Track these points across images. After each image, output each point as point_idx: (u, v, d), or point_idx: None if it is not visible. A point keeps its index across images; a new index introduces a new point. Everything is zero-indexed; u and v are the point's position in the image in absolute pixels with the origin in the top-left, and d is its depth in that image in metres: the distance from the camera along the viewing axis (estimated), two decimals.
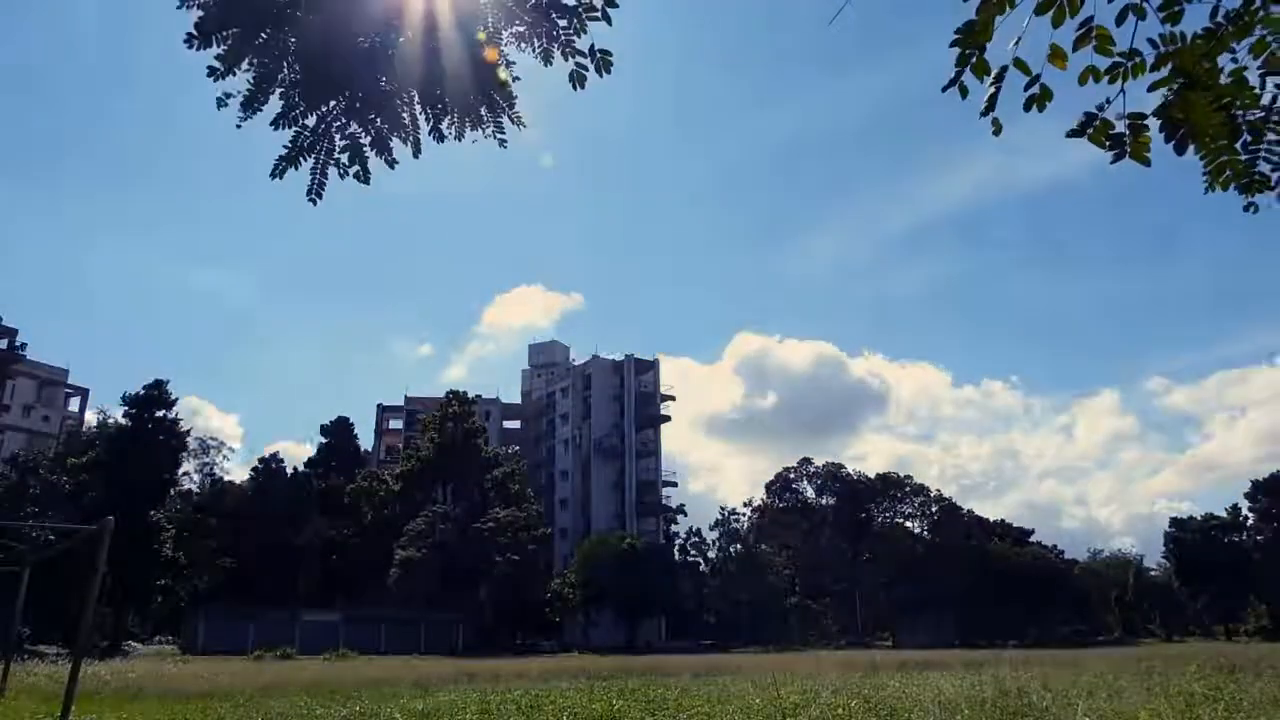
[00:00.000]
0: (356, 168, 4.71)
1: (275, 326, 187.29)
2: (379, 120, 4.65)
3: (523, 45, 4.34)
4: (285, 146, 4.59)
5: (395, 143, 4.77)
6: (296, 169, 4.64)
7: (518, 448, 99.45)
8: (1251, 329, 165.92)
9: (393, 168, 4.79)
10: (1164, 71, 3.09)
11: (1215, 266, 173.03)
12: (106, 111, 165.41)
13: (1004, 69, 3.11)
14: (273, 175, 4.60)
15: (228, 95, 4.32)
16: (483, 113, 4.66)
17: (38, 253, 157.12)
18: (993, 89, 3.12)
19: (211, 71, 4.22)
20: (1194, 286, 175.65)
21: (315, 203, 4.71)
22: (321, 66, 4.35)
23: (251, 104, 4.41)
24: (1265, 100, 3.17)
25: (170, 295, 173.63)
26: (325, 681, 23.10)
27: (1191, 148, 3.19)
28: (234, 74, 4.27)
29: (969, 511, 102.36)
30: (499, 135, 4.70)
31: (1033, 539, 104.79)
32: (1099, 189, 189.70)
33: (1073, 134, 3.19)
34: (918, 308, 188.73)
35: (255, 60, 4.30)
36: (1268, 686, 14.83)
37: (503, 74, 4.49)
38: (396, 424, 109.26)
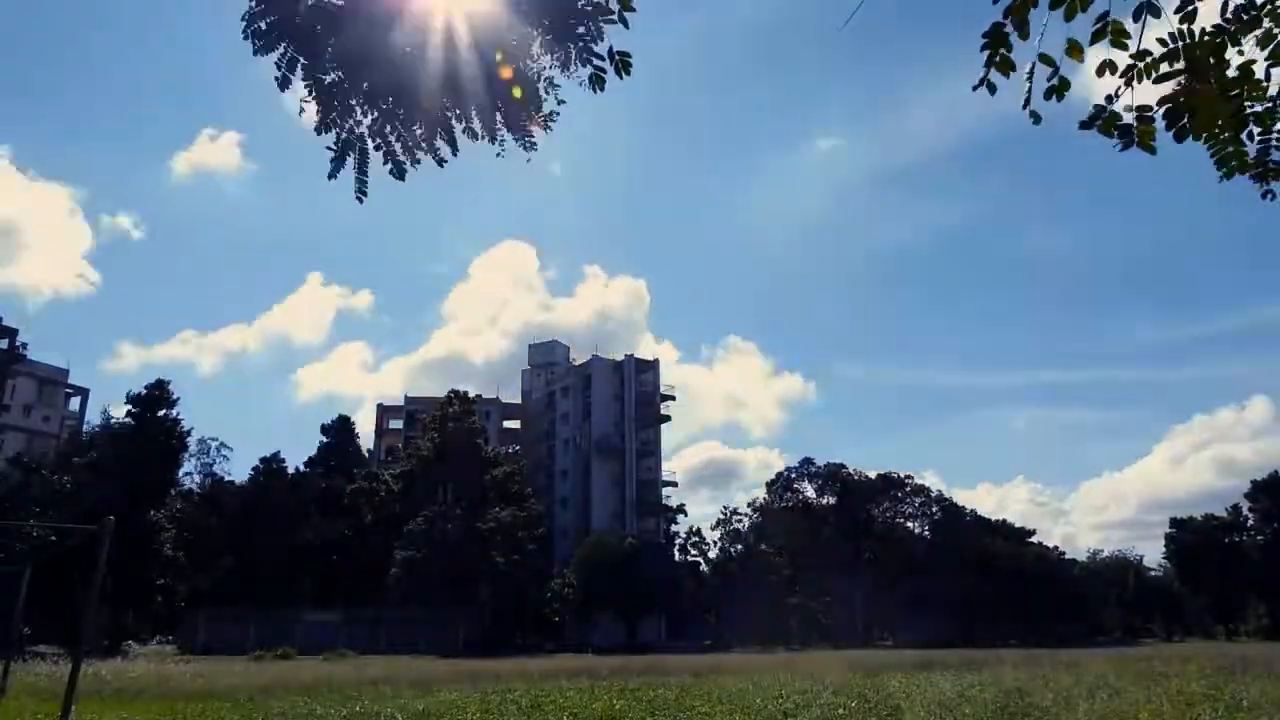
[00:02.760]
0: (391, 165, 4.97)
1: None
2: (418, 126, 4.90)
3: (544, 52, 4.57)
4: (331, 149, 4.88)
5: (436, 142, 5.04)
6: (342, 169, 4.95)
7: (518, 448, 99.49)
8: None
9: (442, 165, 5.08)
10: (1172, 65, 3.15)
11: None
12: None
13: (1033, 65, 3.23)
14: (330, 177, 4.91)
15: (305, 100, 4.68)
16: (514, 118, 4.88)
17: None
18: (1027, 84, 3.25)
19: (278, 80, 4.54)
20: None
21: (361, 200, 5.01)
22: (367, 75, 4.63)
23: (325, 120, 4.77)
24: (1273, 91, 3.23)
25: None
26: (325, 681, 23.08)
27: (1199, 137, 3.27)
28: (291, 82, 4.55)
29: (971, 511, 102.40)
30: (529, 140, 4.92)
31: (1033, 539, 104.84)
32: None
33: (1084, 126, 3.29)
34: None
35: (306, 67, 4.58)
36: (1269, 688, 14.82)
37: (521, 89, 4.73)
38: (396, 424, 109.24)
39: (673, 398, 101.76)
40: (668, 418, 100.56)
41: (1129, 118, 3.28)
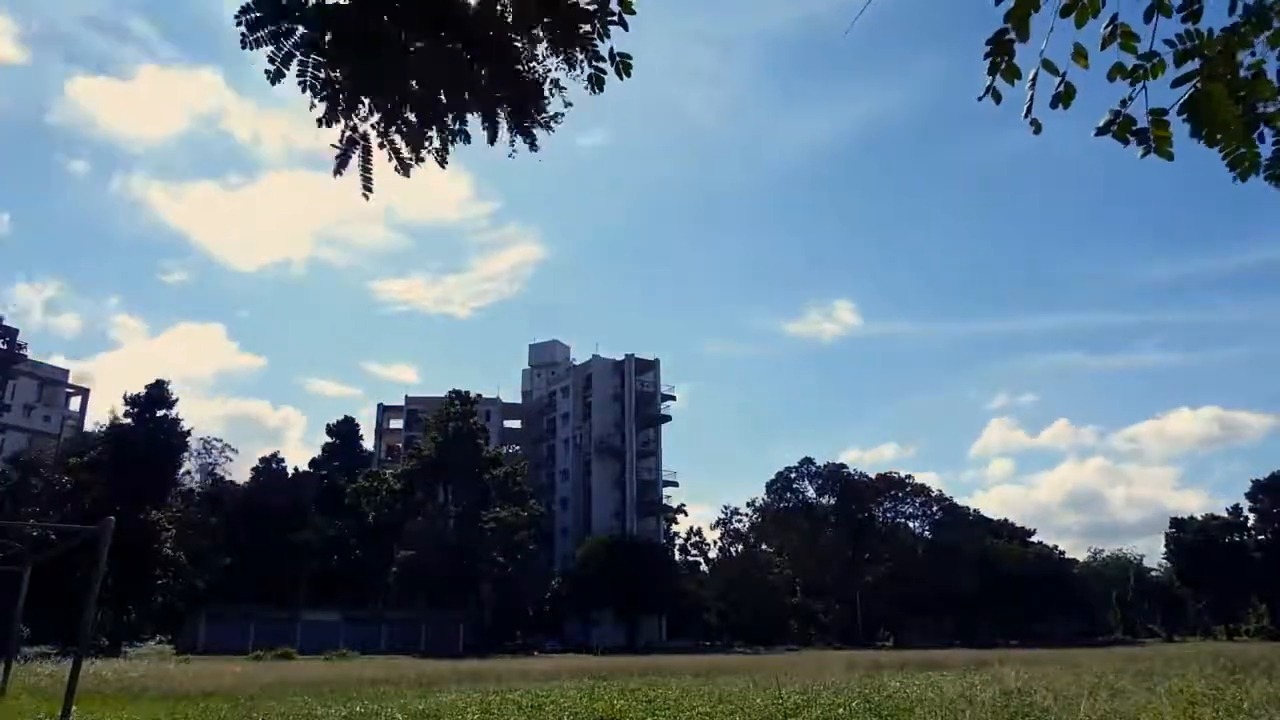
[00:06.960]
0: (395, 162, 4.93)
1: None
2: (420, 122, 4.85)
3: (550, 51, 4.53)
4: (335, 145, 4.82)
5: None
6: (347, 166, 4.90)
7: (518, 448, 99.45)
8: None
9: (444, 166, 5.01)
10: (1188, 67, 3.14)
11: None
12: None
13: (1036, 71, 3.24)
14: (335, 173, 4.85)
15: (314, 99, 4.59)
16: (518, 119, 4.85)
17: None
18: (1029, 92, 3.26)
19: (269, 74, 4.40)
20: None
21: (368, 197, 4.96)
22: (370, 70, 4.54)
23: (333, 110, 4.65)
24: None
25: None
26: (325, 681, 23.08)
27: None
28: (284, 75, 4.43)
29: (973, 511, 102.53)
30: (530, 140, 4.87)
31: (1034, 538, 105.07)
32: None
33: (1100, 132, 3.28)
34: None
35: (301, 61, 4.46)
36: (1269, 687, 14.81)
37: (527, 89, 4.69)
38: (397, 424, 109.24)
39: (673, 397, 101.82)
40: (668, 418, 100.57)
41: (1144, 122, 3.24)
